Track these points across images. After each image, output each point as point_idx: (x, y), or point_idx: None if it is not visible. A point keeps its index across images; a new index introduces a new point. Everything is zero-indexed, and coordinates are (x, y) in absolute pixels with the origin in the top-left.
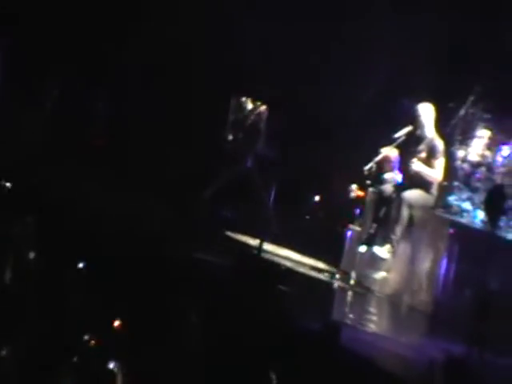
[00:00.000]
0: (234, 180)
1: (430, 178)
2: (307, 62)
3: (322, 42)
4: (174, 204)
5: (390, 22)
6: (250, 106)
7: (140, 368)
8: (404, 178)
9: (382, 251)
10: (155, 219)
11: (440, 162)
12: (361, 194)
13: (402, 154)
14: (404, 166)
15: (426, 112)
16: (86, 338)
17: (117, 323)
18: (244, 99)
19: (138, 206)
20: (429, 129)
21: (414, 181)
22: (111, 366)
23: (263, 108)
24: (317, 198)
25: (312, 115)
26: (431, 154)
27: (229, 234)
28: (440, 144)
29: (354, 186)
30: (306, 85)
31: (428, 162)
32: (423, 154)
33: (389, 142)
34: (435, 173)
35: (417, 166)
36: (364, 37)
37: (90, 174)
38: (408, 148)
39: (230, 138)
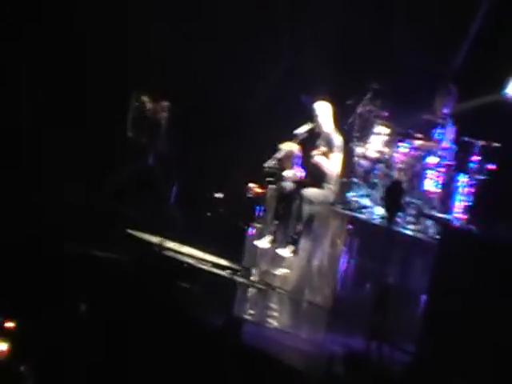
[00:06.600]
0: (135, 178)
1: (328, 171)
2: (208, 58)
3: (223, 39)
4: (74, 201)
5: (290, 22)
6: (150, 102)
7: None
8: (305, 175)
9: (285, 252)
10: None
11: (337, 156)
12: (259, 191)
13: (302, 151)
14: (305, 162)
15: (324, 110)
16: None
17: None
18: (144, 96)
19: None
20: (327, 125)
21: (313, 175)
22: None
23: (164, 105)
24: (218, 195)
25: (212, 112)
26: (329, 147)
27: (130, 231)
28: (337, 138)
29: (251, 185)
30: (205, 82)
31: (326, 155)
32: (322, 148)
33: (288, 138)
34: (333, 165)
35: (316, 158)
36: (264, 35)
37: None
38: (308, 144)
39: (131, 135)
